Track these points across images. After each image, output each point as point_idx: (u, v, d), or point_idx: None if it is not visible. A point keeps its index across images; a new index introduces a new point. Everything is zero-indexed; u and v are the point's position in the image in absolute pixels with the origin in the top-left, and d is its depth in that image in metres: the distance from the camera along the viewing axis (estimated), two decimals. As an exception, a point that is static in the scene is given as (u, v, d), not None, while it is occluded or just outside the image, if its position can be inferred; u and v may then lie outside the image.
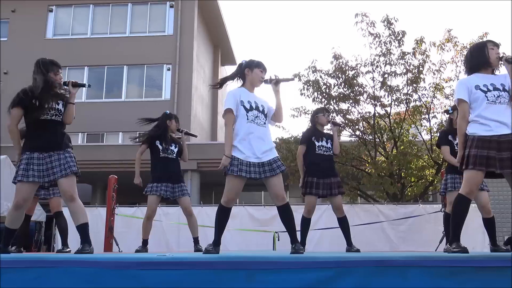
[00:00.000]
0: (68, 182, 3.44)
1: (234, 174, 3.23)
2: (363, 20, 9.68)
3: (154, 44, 17.43)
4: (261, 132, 3.35)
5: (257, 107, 3.39)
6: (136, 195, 5.38)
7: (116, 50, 17.39)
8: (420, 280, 2.22)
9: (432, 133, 10.02)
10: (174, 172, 5.27)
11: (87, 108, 16.64)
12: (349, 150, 10.13)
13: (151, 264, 2.31)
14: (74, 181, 3.50)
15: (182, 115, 17.10)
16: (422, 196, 10.08)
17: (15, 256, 2.92)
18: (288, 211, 3.33)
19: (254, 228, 7.77)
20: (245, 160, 3.27)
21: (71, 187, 3.46)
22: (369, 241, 7.30)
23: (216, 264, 2.32)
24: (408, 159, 9.50)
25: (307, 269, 2.28)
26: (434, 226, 7.22)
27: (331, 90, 10.12)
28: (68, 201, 3.48)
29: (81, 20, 18.27)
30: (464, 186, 3.09)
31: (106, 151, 15.36)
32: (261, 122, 3.38)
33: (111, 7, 18.13)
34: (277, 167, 3.30)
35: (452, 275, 2.23)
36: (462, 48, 9.58)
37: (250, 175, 3.25)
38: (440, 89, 9.84)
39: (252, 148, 3.28)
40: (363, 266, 2.27)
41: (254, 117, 3.35)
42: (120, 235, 6.95)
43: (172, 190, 5.19)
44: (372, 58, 9.84)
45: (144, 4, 18.02)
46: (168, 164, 5.25)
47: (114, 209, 6.82)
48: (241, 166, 3.25)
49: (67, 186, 3.44)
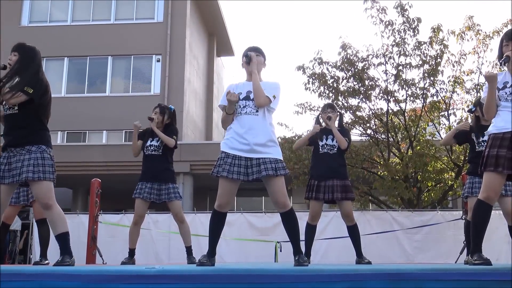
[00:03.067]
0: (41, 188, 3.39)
1: (217, 175, 3.27)
2: (373, 6, 9.68)
3: (142, 32, 17.44)
4: (250, 121, 3.32)
5: (246, 97, 3.39)
6: (122, 201, 5.39)
7: (99, 39, 17.37)
8: (438, 295, 2.23)
9: (452, 132, 10.03)
10: (159, 171, 5.19)
11: (67, 104, 16.66)
12: (359, 151, 10.13)
13: (138, 278, 2.31)
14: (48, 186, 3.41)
15: (173, 111, 17.15)
16: (441, 202, 10.08)
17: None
18: (290, 218, 3.32)
19: (253, 238, 7.77)
20: (232, 153, 3.27)
21: (44, 193, 3.40)
22: (382, 252, 7.31)
23: (210, 278, 2.32)
24: (425, 160, 9.49)
25: (313, 282, 2.28)
26: (454, 235, 7.23)
27: (339, 84, 10.12)
28: (44, 209, 3.46)
29: (60, 6, 18.27)
30: (483, 190, 3.10)
31: (88, 151, 15.36)
32: (252, 110, 3.35)
33: (94, -9, 18.13)
34: (272, 168, 3.23)
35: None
36: (485, 37, 9.59)
37: (232, 176, 3.23)
38: (461, 83, 9.83)
39: (241, 138, 3.28)
40: (376, 279, 2.27)
41: (241, 107, 3.37)
42: (104, 245, 6.95)
43: (158, 192, 5.15)
44: (384, 49, 9.83)
45: (131, -13, 18.03)
46: (151, 161, 5.21)
47: (98, 217, 6.82)
48: (225, 165, 3.25)
49: (39, 192, 3.39)
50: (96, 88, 17.75)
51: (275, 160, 3.28)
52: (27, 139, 3.42)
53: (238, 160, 3.29)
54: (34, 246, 7.87)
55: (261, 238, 7.70)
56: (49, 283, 2.34)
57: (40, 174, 3.35)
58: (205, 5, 19.79)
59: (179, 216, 5.24)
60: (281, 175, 3.27)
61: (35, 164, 3.35)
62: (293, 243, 3.32)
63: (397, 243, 7.83)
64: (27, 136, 3.43)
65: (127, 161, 10.90)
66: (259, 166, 3.25)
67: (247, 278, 2.31)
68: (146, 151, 5.24)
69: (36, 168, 3.34)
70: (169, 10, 17.54)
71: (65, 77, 17.57)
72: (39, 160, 3.37)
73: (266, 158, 3.27)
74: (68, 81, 17.66)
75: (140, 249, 6.33)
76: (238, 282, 2.29)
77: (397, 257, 7.56)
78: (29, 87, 3.40)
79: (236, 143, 3.30)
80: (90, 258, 6.50)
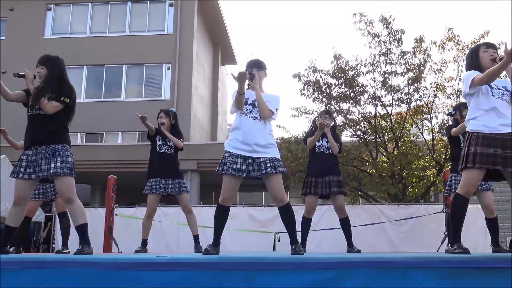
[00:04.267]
0: (64, 183, 3.40)
1: (222, 173, 3.27)
2: (361, 19, 9.71)
3: (154, 43, 17.43)
4: (254, 126, 3.32)
5: (252, 104, 3.39)
6: (135, 196, 5.38)
7: (115, 49, 17.38)
8: (422, 281, 2.23)
9: (434, 133, 10.02)
10: (171, 167, 5.21)
11: (85, 108, 16.61)
12: (350, 151, 10.12)
13: (150, 265, 2.31)
14: (71, 182, 3.43)
15: (182, 114, 17.11)
16: (424, 197, 10.08)
17: (13, 256, 2.92)
18: (287, 212, 3.32)
19: (254, 229, 7.77)
20: (235, 152, 3.27)
21: (67, 188, 3.42)
22: (370, 242, 7.31)
23: (215, 265, 2.32)
24: (410, 159, 9.49)
25: (307, 270, 2.28)
26: (435, 227, 7.23)
27: (331, 90, 10.12)
28: (66, 203, 3.47)
29: (79, 19, 18.26)
30: (463, 186, 3.07)
31: (105, 151, 15.35)
32: (256, 116, 3.35)
33: (110, 5, 18.12)
34: (271, 167, 3.24)
35: (454, 276, 2.23)
36: (464, 47, 9.58)
37: (235, 173, 3.23)
38: (442, 89, 9.84)
39: (243, 139, 3.28)
40: (365, 267, 2.27)
41: (247, 111, 3.36)
42: (120, 235, 6.95)
43: (172, 185, 5.16)
44: (372, 58, 9.84)
45: (143, 2, 18.01)
46: (165, 159, 5.22)
47: (113, 210, 6.82)
48: (229, 163, 3.25)
49: (63, 187, 3.42)
50: (112, 93, 17.73)
51: (273, 159, 3.29)
52: (53, 139, 3.43)
53: (241, 159, 3.28)
54: (56, 237, 7.87)
55: (261, 229, 7.71)
56: (70, 270, 2.34)
57: (65, 170, 3.37)
58: (211, 18, 19.80)
59: (188, 208, 5.26)
60: (279, 173, 3.28)
61: (61, 161, 3.37)
62: (290, 234, 3.31)
63: (384, 234, 7.83)
64: (54, 136, 3.44)
65: (140, 160, 10.91)
66: (260, 165, 3.25)
67: (248, 265, 2.31)
68: (159, 149, 5.25)
69: (62, 165, 3.36)
70: (178, 23, 17.54)
71: (84, 83, 17.57)
72: (64, 158, 3.39)
73: (266, 158, 3.27)
74: (87, 88, 17.65)
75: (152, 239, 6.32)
76: (240, 269, 2.30)
77: (384, 247, 7.55)
78: (65, 97, 3.46)
79: (238, 144, 3.30)
80: (107, 247, 6.50)
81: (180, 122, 5.66)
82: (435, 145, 9.90)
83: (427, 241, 7.21)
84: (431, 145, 9.92)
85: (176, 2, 17.71)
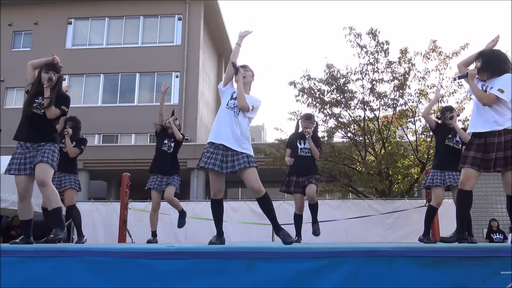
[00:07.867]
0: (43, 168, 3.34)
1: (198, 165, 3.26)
2: (350, 32, 9.73)
3: (164, 53, 17.44)
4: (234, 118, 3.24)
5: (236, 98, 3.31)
6: (147, 191, 5.36)
7: (129, 59, 17.41)
8: (406, 268, 2.23)
9: (417, 135, 10.01)
10: (166, 165, 5.17)
11: (102, 112, 16.71)
12: (341, 150, 10.11)
13: (160, 254, 2.32)
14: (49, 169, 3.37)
15: (189, 118, 17.11)
16: (408, 192, 10.07)
17: (35, 246, 2.92)
18: (265, 201, 3.17)
19: (254, 221, 7.76)
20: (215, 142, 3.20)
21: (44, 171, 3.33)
22: (359, 233, 7.31)
23: (219, 254, 2.32)
24: (395, 158, 9.48)
25: (303, 258, 2.29)
26: (418, 219, 7.19)
27: (324, 96, 10.12)
28: (40, 186, 3.38)
29: (97, 32, 18.28)
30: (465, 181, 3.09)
31: (120, 151, 15.34)
32: (238, 111, 3.27)
33: (125, 19, 18.15)
34: (244, 162, 3.13)
35: (435, 264, 2.23)
36: (446, 57, 9.58)
37: (207, 166, 3.14)
38: (425, 95, 9.82)
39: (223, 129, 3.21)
40: (354, 256, 2.27)
41: (232, 105, 3.29)
42: (133, 227, 6.95)
43: (160, 182, 5.11)
44: (361, 67, 9.84)
45: (155, 17, 18.04)
46: (163, 156, 5.19)
47: (127, 204, 6.83)
48: (204, 158, 3.19)
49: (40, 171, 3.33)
50: (126, 99, 17.73)
51: (247, 155, 3.19)
52: (46, 137, 3.46)
53: (217, 151, 3.20)
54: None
55: (261, 222, 7.69)
56: (89, 258, 2.35)
57: (49, 160, 3.38)
58: (215, 32, 19.83)
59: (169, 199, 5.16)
60: (253, 167, 3.17)
61: (47, 153, 3.39)
62: (272, 222, 3.17)
63: (372, 225, 7.83)
64: (47, 134, 3.48)
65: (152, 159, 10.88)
66: (233, 162, 3.17)
67: (249, 254, 2.31)
68: (163, 146, 5.22)
69: (47, 155, 3.38)
70: (186, 35, 17.56)
71: (101, 90, 17.60)
72: (51, 152, 3.42)
73: (240, 153, 3.17)
74: (104, 93, 17.67)
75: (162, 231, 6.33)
76: (242, 257, 2.30)
77: (372, 237, 7.55)
78: (65, 106, 3.54)
79: (218, 133, 3.24)
80: (122, 237, 6.51)
81: (188, 125, 5.67)
82: (419, 146, 9.89)
83: (411, 232, 7.22)
84: (414, 146, 9.90)
85: (184, 16, 17.73)
